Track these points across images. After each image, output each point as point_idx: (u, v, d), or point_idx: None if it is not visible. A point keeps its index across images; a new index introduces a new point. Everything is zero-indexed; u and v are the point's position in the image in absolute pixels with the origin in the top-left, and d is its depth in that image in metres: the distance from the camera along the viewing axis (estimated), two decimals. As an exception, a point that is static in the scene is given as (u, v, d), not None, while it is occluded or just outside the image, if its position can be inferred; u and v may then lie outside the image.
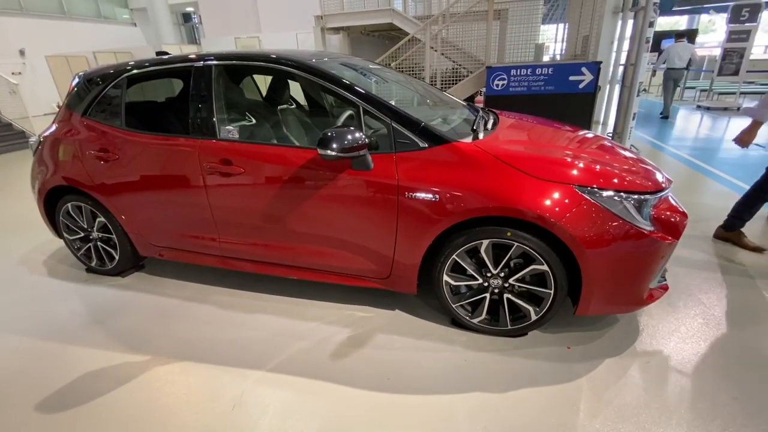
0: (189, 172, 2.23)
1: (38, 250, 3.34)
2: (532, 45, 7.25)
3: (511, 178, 1.76)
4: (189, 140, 2.22)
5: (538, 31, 8.30)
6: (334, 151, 1.76)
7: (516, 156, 1.83)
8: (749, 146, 2.74)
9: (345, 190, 1.96)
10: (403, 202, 1.88)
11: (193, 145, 2.20)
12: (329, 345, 2.05)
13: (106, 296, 2.60)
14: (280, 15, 12.03)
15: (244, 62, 2.20)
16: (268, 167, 2.07)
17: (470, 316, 2.04)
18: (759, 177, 2.76)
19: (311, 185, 2.01)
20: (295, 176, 2.03)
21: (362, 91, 1.97)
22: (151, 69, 2.39)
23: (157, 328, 2.26)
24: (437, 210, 1.83)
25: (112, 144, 2.40)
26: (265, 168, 2.08)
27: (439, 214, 1.83)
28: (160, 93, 3.03)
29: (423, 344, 2.03)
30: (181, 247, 2.53)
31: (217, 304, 2.45)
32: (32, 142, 2.73)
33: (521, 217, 1.72)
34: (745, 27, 8.02)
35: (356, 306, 2.35)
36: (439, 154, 1.86)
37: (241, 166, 2.11)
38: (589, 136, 2.36)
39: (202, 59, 2.24)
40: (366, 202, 1.95)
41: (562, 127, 2.53)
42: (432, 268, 2.01)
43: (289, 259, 2.27)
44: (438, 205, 1.82)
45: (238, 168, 2.11)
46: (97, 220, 2.64)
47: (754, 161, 5.08)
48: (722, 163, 5.08)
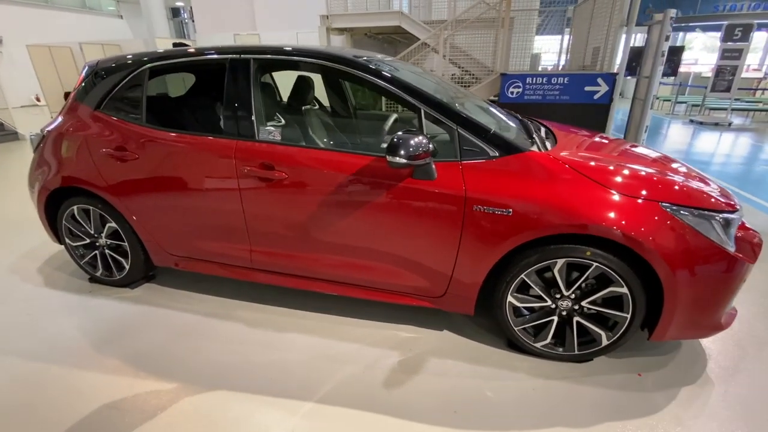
0: (222, 176, 2.00)
1: (30, 257, 3.01)
2: (527, 55, 7.26)
3: (594, 193, 1.62)
4: (224, 141, 2.00)
5: (532, 42, 8.36)
6: (403, 158, 1.58)
7: (596, 169, 1.70)
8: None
9: (403, 201, 1.78)
10: (469, 216, 1.71)
11: (229, 146, 1.98)
12: (379, 371, 1.85)
13: (115, 311, 2.33)
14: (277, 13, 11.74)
15: (289, 57, 1.99)
16: (315, 173, 1.87)
17: (533, 339, 1.89)
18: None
19: (364, 194, 1.83)
20: (346, 184, 1.84)
21: (425, 93, 1.81)
22: (177, 61, 2.16)
23: (179, 348, 2.01)
24: (510, 225, 1.67)
25: (130, 142, 2.15)
26: (312, 174, 1.88)
27: (511, 229, 1.67)
28: (180, 87, 2.79)
29: (483, 371, 1.86)
30: (204, 257, 2.29)
31: (243, 321, 2.22)
32: (33, 136, 2.44)
33: (604, 235, 1.58)
34: (737, 46, 8.27)
35: (399, 325, 2.17)
36: (511, 165, 1.71)
37: (284, 172, 1.90)
38: (647, 150, 2.26)
39: (240, 52, 2.02)
40: (426, 214, 1.77)
41: (612, 138, 2.43)
42: (493, 287, 1.85)
43: (330, 274, 2.06)
44: (511, 220, 1.66)
45: (281, 173, 1.90)
46: (107, 226, 2.37)
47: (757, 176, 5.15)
48: (734, 179, 5.13)
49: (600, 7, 5.96)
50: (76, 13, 15.12)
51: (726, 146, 7.09)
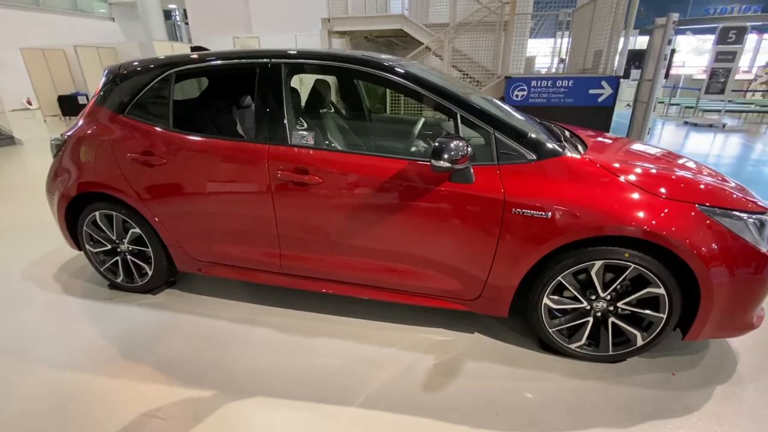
0: (254, 181, 1.99)
1: (42, 263, 2.96)
2: (523, 58, 7.34)
3: (632, 196, 1.64)
4: (256, 145, 1.98)
5: (526, 45, 8.47)
6: (447, 162, 1.59)
7: (632, 172, 1.73)
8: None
9: (440, 204, 1.79)
10: (508, 219, 1.73)
11: (261, 151, 1.97)
12: (417, 374, 1.85)
13: (140, 317, 2.30)
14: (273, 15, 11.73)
15: (323, 62, 1.99)
16: (351, 178, 1.87)
17: (567, 341, 1.91)
18: None
19: (401, 198, 1.83)
20: (382, 188, 1.84)
21: (462, 98, 1.82)
22: (204, 65, 2.14)
23: (210, 355, 1.99)
24: (548, 228, 1.69)
25: (158, 147, 2.13)
26: (347, 178, 1.88)
27: (550, 232, 1.69)
28: (196, 91, 2.76)
29: (519, 372, 1.87)
30: (230, 263, 2.27)
31: (272, 326, 2.21)
32: (53, 141, 2.40)
33: (644, 237, 1.61)
34: (731, 48, 8.45)
35: (430, 328, 2.17)
36: (549, 168, 1.73)
37: (319, 176, 1.90)
38: (673, 153, 2.30)
39: (271, 56, 2.02)
40: (464, 217, 1.78)
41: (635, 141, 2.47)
42: (528, 289, 1.86)
43: (364, 278, 2.06)
44: (549, 223, 1.68)
45: (316, 178, 1.90)
46: (131, 231, 2.34)
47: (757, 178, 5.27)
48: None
49: (600, 11, 6.06)
50: (68, 16, 14.91)
51: (726, 147, 7.24)
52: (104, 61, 10.39)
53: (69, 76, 11.08)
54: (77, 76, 10.88)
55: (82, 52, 9.69)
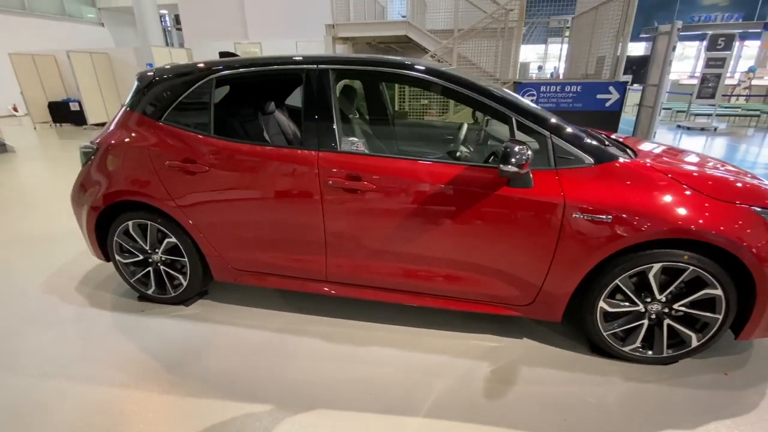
0: (302, 188, 1.96)
1: (61, 275, 2.85)
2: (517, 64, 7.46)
3: (690, 199, 1.67)
4: (304, 152, 1.95)
5: (520, 51, 8.62)
6: (514, 167, 1.59)
7: (689, 175, 1.75)
8: None
9: (497, 210, 1.79)
10: (567, 223, 1.73)
11: (310, 158, 1.94)
12: (475, 382, 1.83)
13: (177, 330, 2.22)
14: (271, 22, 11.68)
15: (375, 68, 1.98)
16: (405, 184, 1.85)
17: (621, 344, 1.91)
18: None
19: (457, 204, 1.82)
20: (437, 194, 1.83)
21: (517, 102, 1.83)
22: (246, 70, 2.10)
23: (259, 368, 1.94)
24: (608, 232, 1.69)
25: (199, 154, 2.07)
26: (401, 185, 1.86)
27: (610, 236, 1.70)
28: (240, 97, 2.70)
29: (576, 377, 1.87)
30: (272, 271, 2.23)
31: (318, 335, 2.16)
32: (83, 149, 2.32)
33: (705, 239, 1.63)
34: (721, 54, 8.74)
35: (478, 335, 2.16)
36: (608, 172, 1.74)
37: (372, 182, 1.87)
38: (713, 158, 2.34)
39: (318, 62, 2.00)
40: (522, 222, 1.78)
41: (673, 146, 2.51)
42: (583, 293, 1.87)
43: (414, 285, 2.04)
44: (610, 226, 1.69)
45: (369, 184, 1.87)
46: (166, 241, 2.27)
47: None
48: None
49: (602, 18, 6.21)
50: (55, 21, 14.59)
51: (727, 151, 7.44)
52: (98, 67, 10.18)
53: (60, 83, 10.80)
54: (68, 82, 10.62)
55: (75, 57, 9.47)
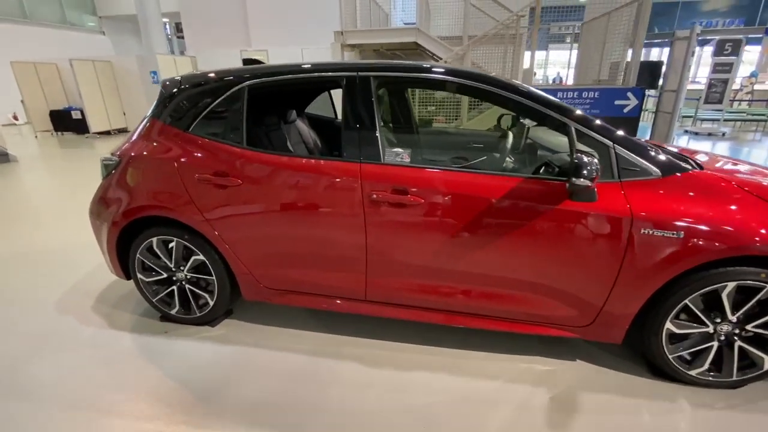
0: (344, 202, 1.84)
1: (75, 293, 2.70)
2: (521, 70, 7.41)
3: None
4: (346, 164, 1.83)
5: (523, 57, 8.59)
6: (588, 180, 1.47)
7: (764, 188, 1.64)
8: None
9: (558, 225, 1.67)
10: (635, 239, 1.61)
11: (352, 170, 1.82)
12: (536, 412, 1.70)
13: (205, 353, 2.08)
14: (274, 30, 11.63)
15: (419, 75, 1.87)
16: (456, 198, 1.73)
17: (687, 367, 1.78)
18: None
19: (512, 219, 1.70)
20: (491, 208, 1.71)
21: (576, 111, 1.72)
22: (280, 78, 1.99)
23: (299, 395, 1.80)
24: (680, 249, 1.57)
25: (232, 167, 1.95)
26: (452, 199, 1.74)
27: (681, 253, 1.58)
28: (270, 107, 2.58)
29: (642, 404, 1.73)
30: (306, 290, 2.09)
31: (357, 359, 2.02)
32: (105, 161, 2.19)
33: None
34: (728, 60, 8.73)
35: (528, 357, 2.02)
36: (678, 184, 1.63)
37: (420, 196, 1.75)
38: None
39: (358, 69, 1.89)
40: (585, 238, 1.66)
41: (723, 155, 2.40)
42: (647, 313, 1.74)
43: (462, 305, 1.91)
44: (681, 243, 1.57)
45: (417, 198, 1.75)
46: (193, 258, 2.14)
47: None
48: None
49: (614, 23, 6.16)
50: (56, 29, 14.51)
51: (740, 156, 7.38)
52: (100, 75, 10.07)
53: (61, 90, 10.67)
54: (70, 90, 10.50)
55: (78, 65, 9.36)
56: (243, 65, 2.42)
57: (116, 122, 10.77)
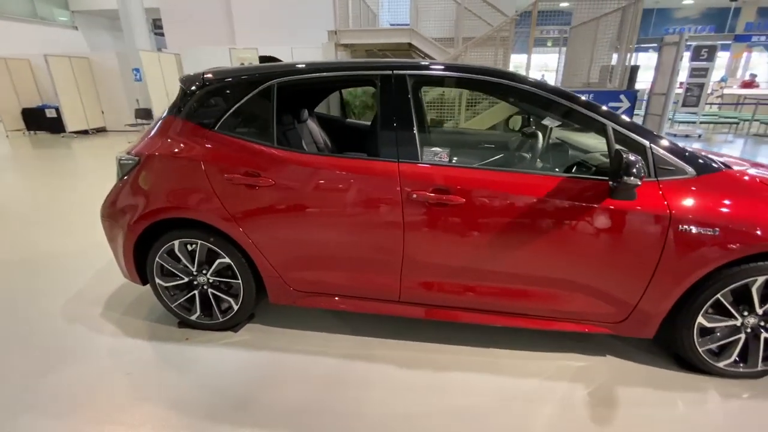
0: (382, 202, 1.81)
1: (80, 301, 2.56)
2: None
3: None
4: (385, 164, 1.81)
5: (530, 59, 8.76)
6: (637, 179, 1.50)
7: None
8: None
9: (597, 223, 1.69)
10: (673, 236, 1.66)
11: (391, 170, 1.79)
12: (578, 408, 1.72)
13: (231, 361, 2.01)
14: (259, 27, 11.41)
15: (456, 74, 1.86)
16: (497, 197, 1.74)
17: (716, 359, 1.85)
18: None
19: (552, 217, 1.72)
20: (532, 207, 1.72)
21: (612, 112, 1.75)
22: (311, 76, 1.95)
23: (337, 400, 1.76)
24: (716, 245, 1.63)
25: (263, 166, 1.89)
26: (493, 198, 1.74)
27: (717, 249, 1.63)
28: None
29: (676, 396, 1.78)
30: (337, 292, 2.05)
31: (391, 361, 2.00)
32: (124, 160, 2.08)
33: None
34: (704, 65, 9.15)
35: (561, 354, 2.05)
36: (712, 183, 1.68)
37: (462, 196, 1.75)
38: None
39: (393, 68, 1.86)
40: (624, 236, 1.69)
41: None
42: (680, 308, 1.79)
43: (500, 304, 1.91)
44: (717, 239, 1.62)
45: (457, 198, 1.75)
46: (218, 262, 2.06)
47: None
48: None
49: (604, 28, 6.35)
50: (26, 23, 13.77)
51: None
52: (77, 72, 9.63)
53: (34, 88, 10.14)
54: (44, 87, 10.01)
55: (53, 62, 8.92)
56: (259, 62, 2.36)
57: (94, 121, 10.34)
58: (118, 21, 12.51)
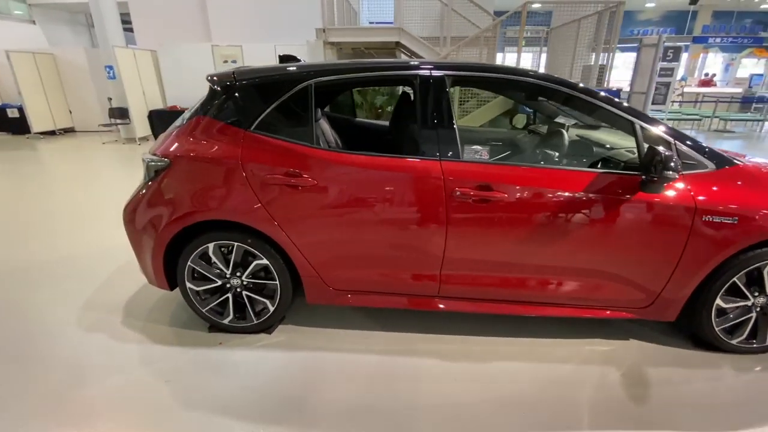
0: (425, 200, 1.85)
1: (94, 309, 2.46)
2: None
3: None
4: (429, 162, 1.85)
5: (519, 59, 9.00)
6: (676, 173, 1.62)
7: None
8: None
9: (630, 215, 1.81)
10: (698, 226, 1.80)
11: (434, 168, 1.84)
12: (615, 389, 1.83)
13: (273, 362, 2.00)
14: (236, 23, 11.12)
15: (498, 76, 1.93)
16: (537, 192, 1.82)
17: (729, 336, 2.01)
18: None
19: (588, 211, 1.82)
20: (570, 202, 1.81)
21: (638, 110, 1.87)
22: (350, 76, 1.96)
23: (385, 397, 1.79)
24: (734, 233, 1.78)
25: (306, 166, 1.89)
26: (533, 193, 1.82)
27: (736, 236, 1.78)
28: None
29: (700, 373, 1.93)
30: (377, 289, 2.08)
31: (430, 354, 2.05)
32: (153, 162, 2.01)
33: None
34: (670, 65, 9.73)
35: (587, 339, 2.17)
36: (730, 176, 1.83)
37: (504, 192, 1.82)
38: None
39: (432, 67, 1.91)
40: (654, 226, 1.82)
41: None
42: (701, 291, 1.94)
43: (534, 295, 2.00)
44: (736, 227, 1.78)
45: (500, 194, 1.81)
46: (255, 263, 2.04)
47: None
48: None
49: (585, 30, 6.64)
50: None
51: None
52: (42, 69, 9.06)
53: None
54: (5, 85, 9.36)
55: (16, 58, 8.34)
56: (279, 62, 2.36)
57: (61, 121, 9.77)
58: (79, 15, 11.79)
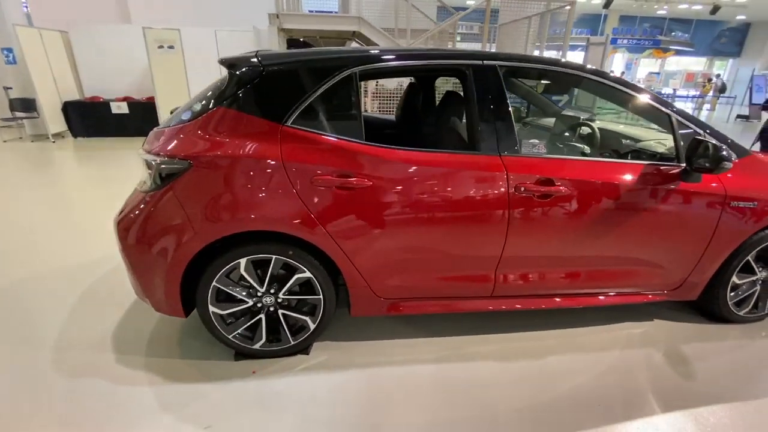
0: (488, 197, 1.76)
1: (77, 349, 1.99)
2: None
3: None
4: (489, 157, 1.76)
5: None
6: (730, 162, 1.72)
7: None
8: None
9: (673, 205, 1.90)
10: (726, 212, 1.94)
11: (495, 163, 1.75)
12: (664, 369, 1.93)
13: (323, 386, 1.78)
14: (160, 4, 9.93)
15: (549, 67, 1.89)
16: (592, 186, 1.83)
17: (738, 309, 2.24)
18: None
19: (641, 202, 1.88)
20: (623, 193, 1.85)
21: (672, 104, 1.96)
22: (396, 64, 1.78)
23: (464, 405, 1.69)
24: (755, 215, 1.96)
25: (356, 165, 1.68)
26: (588, 187, 1.82)
27: (755, 219, 1.97)
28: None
29: (725, 345, 2.12)
30: (430, 295, 1.95)
31: (487, 357, 1.98)
32: (166, 164, 1.63)
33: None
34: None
35: (618, 324, 2.26)
36: (750, 164, 2.01)
37: (564, 186, 1.79)
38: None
39: (484, 58, 1.81)
40: (693, 213, 1.93)
41: None
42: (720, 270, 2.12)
43: (582, 286, 2.03)
44: (755, 211, 1.96)
45: (560, 188, 1.79)
46: (296, 277, 1.78)
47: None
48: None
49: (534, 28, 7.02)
50: None
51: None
52: None
53: None
54: None
55: None
56: (287, 48, 2.09)
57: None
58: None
